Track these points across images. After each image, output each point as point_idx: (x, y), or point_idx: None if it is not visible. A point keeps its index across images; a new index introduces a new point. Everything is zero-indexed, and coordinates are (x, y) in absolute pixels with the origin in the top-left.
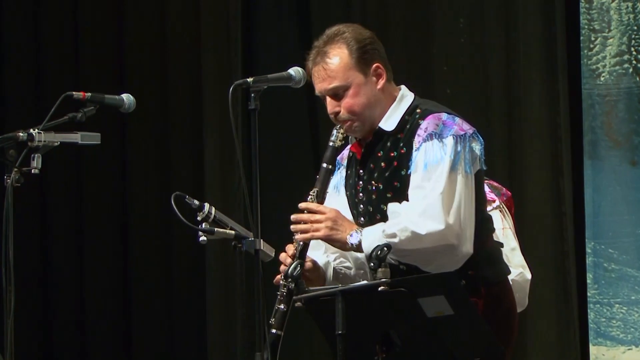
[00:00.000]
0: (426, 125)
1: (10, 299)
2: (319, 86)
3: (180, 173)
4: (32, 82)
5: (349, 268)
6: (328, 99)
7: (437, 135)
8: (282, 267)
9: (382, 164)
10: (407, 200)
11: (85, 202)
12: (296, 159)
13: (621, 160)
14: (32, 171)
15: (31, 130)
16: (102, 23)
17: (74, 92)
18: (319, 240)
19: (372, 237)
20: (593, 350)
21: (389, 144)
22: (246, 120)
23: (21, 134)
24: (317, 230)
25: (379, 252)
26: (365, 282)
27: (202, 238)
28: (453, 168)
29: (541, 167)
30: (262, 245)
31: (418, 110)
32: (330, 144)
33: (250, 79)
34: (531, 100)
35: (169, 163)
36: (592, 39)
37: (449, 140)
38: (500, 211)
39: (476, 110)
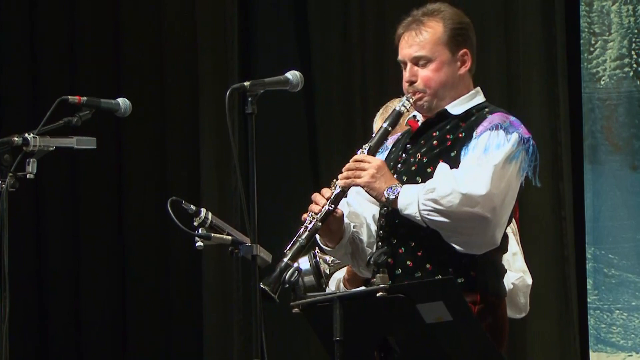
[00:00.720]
0: (492, 118)
1: (5, 304)
2: (405, 51)
3: (177, 178)
4: (28, 85)
5: (361, 241)
6: (408, 65)
7: (503, 128)
8: (313, 206)
9: (434, 142)
10: None
11: (81, 206)
12: (294, 164)
13: (621, 165)
14: (27, 176)
15: (26, 135)
16: (99, 25)
17: (69, 97)
18: (346, 203)
19: (410, 192)
20: (593, 356)
21: (448, 126)
22: (243, 124)
23: (16, 139)
24: (359, 177)
25: (377, 257)
26: (363, 288)
27: (199, 243)
28: (512, 158)
29: (541, 171)
30: (259, 250)
31: (487, 109)
32: (397, 108)
33: (247, 83)
34: (531, 104)
35: (165, 167)
36: (592, 42)
37: (514, 136)
38: None
39: None
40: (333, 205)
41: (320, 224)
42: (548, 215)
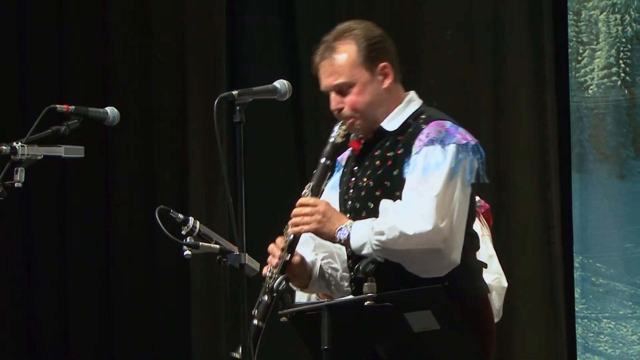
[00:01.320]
0: (429, 130)
1: None
2: (325, 81)
3: (165, 186)
4: (16, 93)
5: (335, 270)
6: (332, 94)
7: (439, 141)
8: (270, 259)
9: (377, 162)
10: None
11: (68, 216)
12: (282, 173)
13: (609, 174)
14: (15, 185)
15: (14, 144)
16: (87, 33)
17: (57, 105)
18: (309, 237)
19: (360, 233)
20: None
21: (387, 143)
22: (231, 133)
23: (4, 147)
24: (307, 223)
25: (366, 267)
26: (351, 296)
27: (187, 252)
28: (452, 175)
29: (528, 180)
30: (247, 259)
31: (423, 116)
32: (331, 139)
33: (235, 92)
34: (518, 113)
35: (153, 176)
36: (580, 51)
37: (451, 148)
38: (478, 219)
39: (463, 122)
40: (289, 255)
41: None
42: (535, 224)
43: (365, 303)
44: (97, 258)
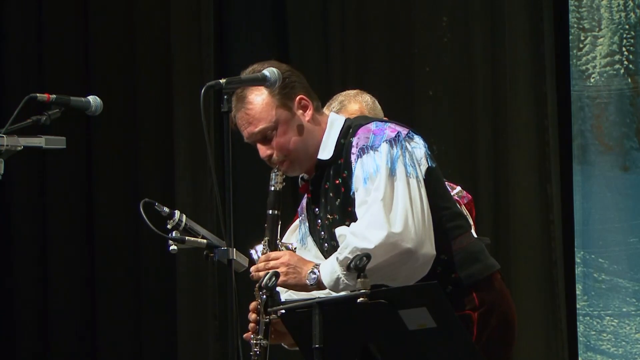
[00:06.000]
0: (356, 140)
1: None
2: (246, 132)
3: (149, 179)
4: None
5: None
6: (258, 144)
7: (370, 146)
8: (252, 325)
9: (331, 194)
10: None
11: (49, 209)
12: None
13: (612, 166)
14: None
15: None
16: (67, 20)
17: (38, 94)
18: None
19: (328, 270)
20: None
21: (331, 172)
22: (219, 123)
23: None
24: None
25: (358, 262)
26: (344, 293)
27: (173, 247)
28: (392, 173)
29: (528, 172)
30: (236, 254)
31: (350, 130)
32: (271, 188)
33: (222, 80)
34: (517, 102)
35: (137, 168)
36: (582, 38)
37: (383, 147)
38: None
39: (460, 112)
40: (267, 317)
41: (266, 341)
42: (535, 218)
43: (358, 300)
44: (78, 252)
